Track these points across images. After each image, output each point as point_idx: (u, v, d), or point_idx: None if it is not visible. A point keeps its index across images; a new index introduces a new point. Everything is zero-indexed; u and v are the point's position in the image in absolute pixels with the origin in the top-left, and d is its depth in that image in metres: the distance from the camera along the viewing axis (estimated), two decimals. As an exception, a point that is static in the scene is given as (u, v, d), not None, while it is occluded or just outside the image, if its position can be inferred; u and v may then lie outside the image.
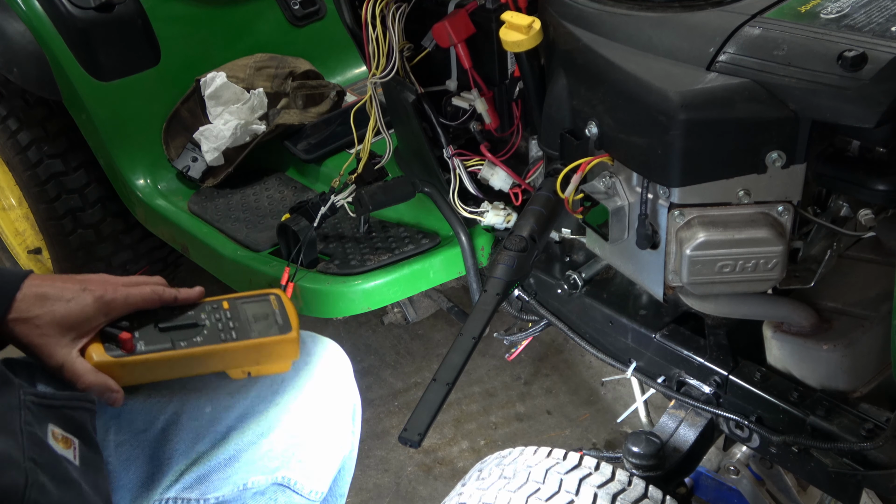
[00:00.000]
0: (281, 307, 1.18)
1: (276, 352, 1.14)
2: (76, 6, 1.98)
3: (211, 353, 1.09)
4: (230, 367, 1.13)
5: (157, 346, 1.06)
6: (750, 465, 1.42)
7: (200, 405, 1.12)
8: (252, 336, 1.12)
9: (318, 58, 2.29)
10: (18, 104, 2.13)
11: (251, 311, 1.16)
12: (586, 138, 1.15)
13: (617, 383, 2.33)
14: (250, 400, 1.15)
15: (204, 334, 1.10)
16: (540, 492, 1.12)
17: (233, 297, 1.17)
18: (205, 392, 1.13)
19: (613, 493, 1.12)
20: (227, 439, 1.13)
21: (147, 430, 1.09)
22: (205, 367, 1.12)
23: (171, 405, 1.11)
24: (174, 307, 1.12)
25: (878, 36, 0.95)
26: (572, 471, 1.16)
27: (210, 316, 1.13)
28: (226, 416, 1.13)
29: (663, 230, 1.12)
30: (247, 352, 1.12)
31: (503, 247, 1.19)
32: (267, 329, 1.14)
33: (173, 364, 1.08)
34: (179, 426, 1.10)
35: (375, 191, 1.69)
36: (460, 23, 1.42)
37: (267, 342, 1.12)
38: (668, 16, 1.08)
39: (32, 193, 2.17)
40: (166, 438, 1.10)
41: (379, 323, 2.56)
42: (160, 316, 1.10)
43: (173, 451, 1.10)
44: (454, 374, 1.06)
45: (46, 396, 0.91)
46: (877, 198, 1.01)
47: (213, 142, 2.08)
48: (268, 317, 1.16)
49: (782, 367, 1.23)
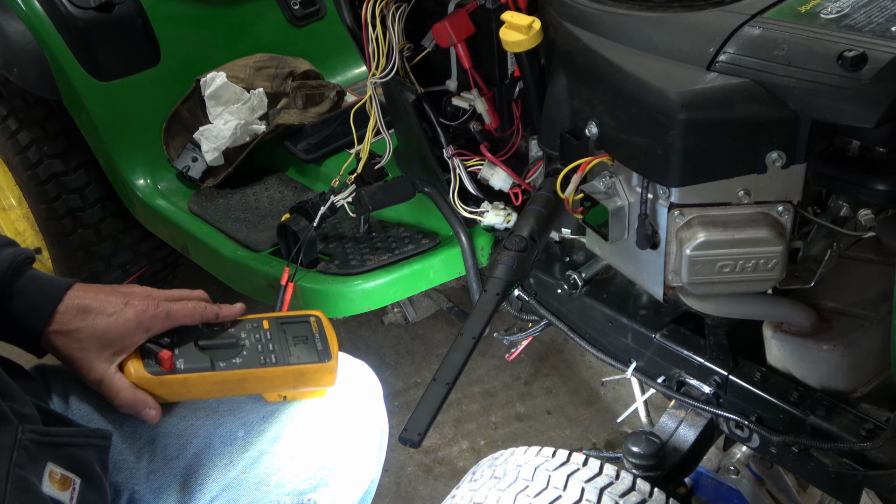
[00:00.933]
0: (321, 331, 1.16)
1: (314, 379, 1.12)
2: (76, 6, 1.98)
3: (250, 377, 1.08)
4: (267, 391, 1.12)
5: (197, 364, 1.05)
6: (750, 465, 1.42)
7: (234, 429, 1.11)
8: (292, 361, 1.10)
9: (318, 58, 2.29)
10: (18, 104, 2.13)
11: (291, 333, 1.14)
12: (586, 138, 1.15)
13: (617, 383, 2.33)
14: (283, 424, 1.13)
15: (244, 356, 1.08)
16: (528, 489, 1.12)
17: (273, 317, 1.15)
18: (238, 416, 1.12)
19: (615, 494, 1.12)
20: (257, 463, 1.11)
21: (180, 455, 1.08)
22: (242, 390, 1.10)
23: (204, 429, 1.09)
24: (214, 324, 1.11)
25: (878, 36, 0.95)
26: (561, 467, 1.16)
27: (250, 336, 1.11)
28: (258, 441, 1.11)
29: (663, 230, 1.12)
30: (285, 377, 1.10)
31: (503, 247, 1.19)
32: (307, 354, 1.11)
33: (212, 385, 1.06)
34: (212, 451, 1.09)
35: (375, 191, 1.69)
36: (460, 23, 1.42)
37: (307, 369, 1.11)
38: (668, 16, 1.08)
39: (32, 193, 2.17)
40: (199, 464, 1.08)
41: (379, 323, 2.56)
42: (200, 333, 1.09)
43: (206, 477, 1.08)
44: (454, 374, 1.06)
45: (49, 434, 0.89)
46: (877, 198, 1.01)
47: (213, 142, 2.08)
48: (307, 340, 1.13)
49: (782, 367, 1.23)
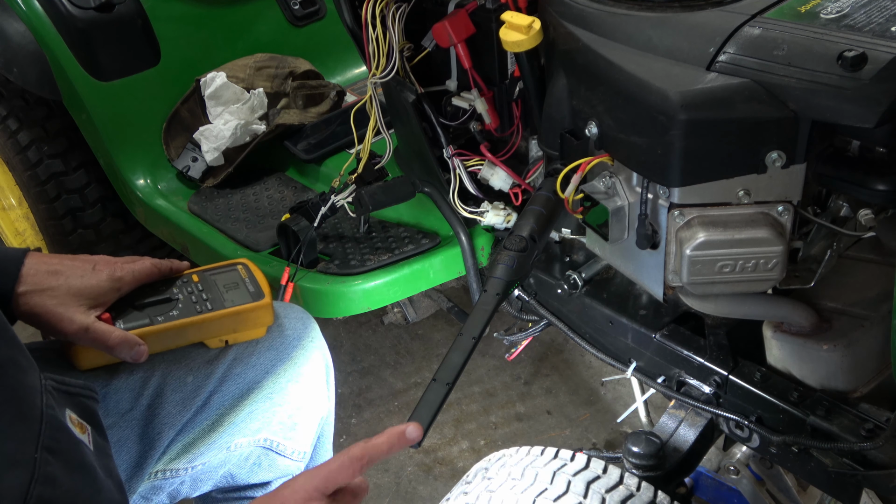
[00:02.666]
0: (250, 275, 1.22)
1: (251, 318, 1.18)
2: (76, 6, 1.98)
3: (188, 325, 1.13)
4: (207, 338, 1.17)
5: (136, 322, 1.10)
6: (750, 465, 1.42)
7: (182, 376, 1.15)
8: (227, 305, 1.16)
9: (318, 58, 2.29)
10: (18, 104, 2.13)
11: (221, 281, 1.20)
12: (586, 138, 1.15)
13: (617, 383, 2.33)
14: (228, 365, 1.18)
15: (179, 308, 1.14)
16: (528, 490, 1.11)
17: (201, 270, 1.22)
18: (184, 363, 1.16)
19: (617, 495, 1.12)
20: (208, 405, 1.17)
21: (133, 408, 1.11)
22: (183, 339, 1.15)
23: (153, 380, 1.13)
24: (146, 286, 1.15)
25: (878, 36, 0.95)
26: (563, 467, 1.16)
27: (182, 290, 1.17)
28: (207, 384, 1.17)
29: (663, 230, 1.12)
30: (223, 321, 1.16)
31: (503, 247, 1.19)
32: (240, 297, 1.18)
33: (153, 339, 1.10)
34: (164, 400, 1.13)
35: (375, 191, 1.69)
36: (460, 23, 1.42)
37: (242, 310, 1.17)
38: (668, 16, 1.08)
39: (32, 193, 2.17)
40: (153, 414, 1.12)
41: (379, 323, 2.56)
42: (135, 296, 1.14)
43: (161, 425, 1.13)
44: (454, 374, 1.06)
45: (64, 383, 0.92)
46: (877, 198, 1.01)
47: (213, 142, 2.08)
48: (238, 285, 1.20)
49: (782, 367, 1.23)
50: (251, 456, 1.23)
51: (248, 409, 1.19)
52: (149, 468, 1.12)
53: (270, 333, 1.23)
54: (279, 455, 1.24)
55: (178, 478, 1.18)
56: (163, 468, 1.16)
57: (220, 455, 1.19)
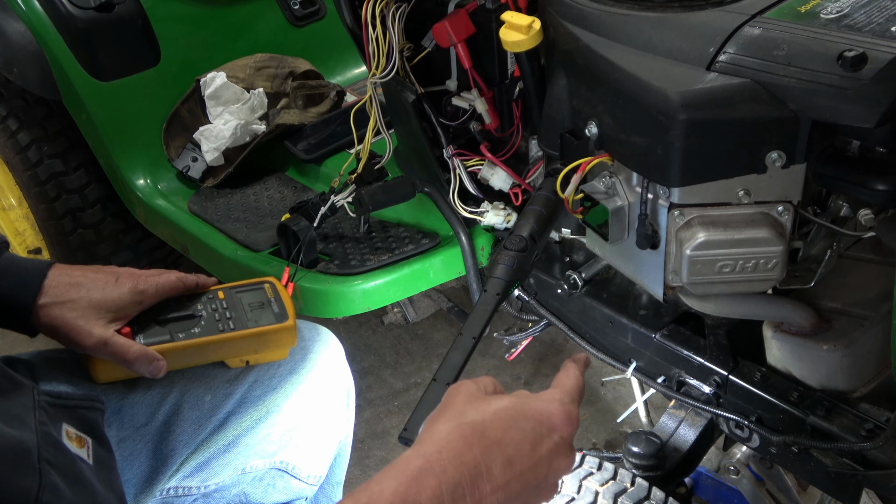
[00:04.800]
0: (276, 295, 1.20)
1: (273, 340, 1.16)
2: (76, 6, 1.98)
3: (209, 344, 1.11)
4: (229, 357, 1.15)
5: (157, 338, 1.08)
6: (750, 465, 1.42)
7: (200, 395, 1.13)
8: (249, 325, 1.14)
9: (318, 58, 2.29)
10: (18, 104, 2.13)
11: (247, 300, 1.18)
12: (586, 138, 1.15)
13: (617, 383, 2.33)
14: (248, 386, 1.17)
15: (202, 325, 1.12)
16: None
17: (228, 287, 1.19)
18: (204, 382, 1.14)
19: (613, 493, 1.12)
20: (225, 425, 1.14)
21: (149, 423, 1.10)
22: (203, 358, 1.13)
23: (171, 397, 1.12)
24: (171, 300, 1.13)
25: (878, 36, 0.95)
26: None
27: (206, 307, 1.15)
28: (225, 404, 1.15)
29: (663, 230, 1.12)
30: (245, 341, 1.14)
31: (503, 247, 1.19)
32: (264, 318, 1.15)
33: (172, 355, 1.09)
34: (181, 417, 1.12)
35: (375, 191, 1.69)
36: (460, 23, 1.42)
37: (265, 331, 1.14)
38: (668, 16, 1.08)
39: (32, 193, 2.17)
40: (168, 430, 1.11)
41: (379, 323, 2.56)
42: (158, 310, 1.12)
43: (176, 442, 1.11)
44: (454, 374, 1.06)
45: (61, 396, 0.91)
46: (877, 198, 1.01)
47: (213, 142, 2.08)
48: (263, 305, 1.18)
49: (782, 367, 1.23)
50: (266, 477, 1.20)
51: (265, 432, 1.17)
52: (160, 484, 1.11)
53: (293, 356, 1.20)
54: (293, 477, 1.22)
55: (191, 496, 1.16)
56: (175, 485, 1.13)
57: (234, 476, 1.16)
